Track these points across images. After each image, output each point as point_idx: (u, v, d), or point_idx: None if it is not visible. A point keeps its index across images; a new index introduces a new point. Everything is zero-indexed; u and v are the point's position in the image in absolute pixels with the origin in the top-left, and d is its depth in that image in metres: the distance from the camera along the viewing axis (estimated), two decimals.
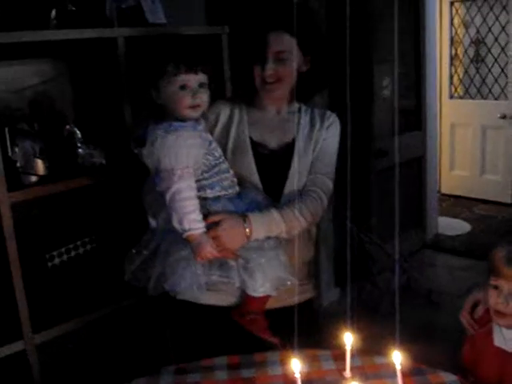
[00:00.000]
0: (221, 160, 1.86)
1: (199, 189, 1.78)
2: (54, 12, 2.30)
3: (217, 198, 1.82)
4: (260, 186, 1.93)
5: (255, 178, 1.93)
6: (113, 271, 2.47)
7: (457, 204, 6.24)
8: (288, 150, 1.97)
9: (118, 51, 2.33)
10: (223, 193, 1.84)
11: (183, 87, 1.76)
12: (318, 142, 1.99)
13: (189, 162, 1.72)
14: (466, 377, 1.67)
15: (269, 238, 1.84)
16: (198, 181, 1.78)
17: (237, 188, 1.88)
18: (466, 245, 5.11)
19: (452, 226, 5.57)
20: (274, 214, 1.83)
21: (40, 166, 2.20)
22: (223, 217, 1.77)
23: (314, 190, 1.94)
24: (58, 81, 2.49)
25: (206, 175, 1.81)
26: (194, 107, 1.78)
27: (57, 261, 2.32)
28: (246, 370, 1.69)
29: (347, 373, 1.48)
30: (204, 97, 1.80)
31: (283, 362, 1.66)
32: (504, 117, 5.86)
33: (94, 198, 2.54)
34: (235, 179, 1.89)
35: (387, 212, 4.42)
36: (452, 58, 6.34)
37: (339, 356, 1.64)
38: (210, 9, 2.99)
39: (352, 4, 3.85)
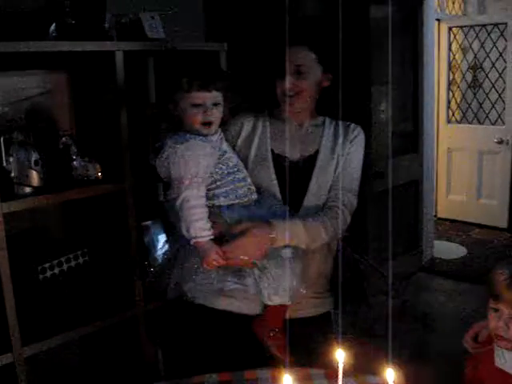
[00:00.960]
0: (235, 169, 1.89)
1: (212, 197, 1.83)
2: (53, 26, 2.30)
3: (230, 206, 1.85)
4: (279, 195, 1.96)
5: (275, 188, 1.96)
6: (105, 285, 2.46)
7: (453, 228, 6.23)
8: (310, 162, 2.01)
9: (116, 65, 2.32)
10: (237, 201, 1.87)
11: (195, 105, 1.82)
12: (342, 156, 2.01)
13: (198, 171, 1.76)
14: None
15: (286, 246, 1.85)
16: (210, 189, 1.83)
17: (254, 196, 1.92)
18: (461, 269, 5.09)
19: (448, 249, 5.55)
20: (299, 224, 1.86)
21: (34, 177, 2.18)
22: (248, 226, 1.80)
23: (338, 206, 1.95)
24: (56, 93, 2.49)
25: (218, 183, 1.84)
26: (205, 124, 1.83)
27: (48, 273, 2.29)
28: None
29: None
30: (217, 114, 1.86)
31: (274, 380, 1.63)
32: (501, 142, 5.88)
33: (87, 211, 2.53)
34: (253, 187, 1.92)
35: (383, 234, 4.43)
36: (450, 83, 6.37)
37: (332, 375, 1.62)
38: (210, 26, 3.00)
39: (352, 28, 3.88)
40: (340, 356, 1.45)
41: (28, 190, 2.18)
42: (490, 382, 1.68)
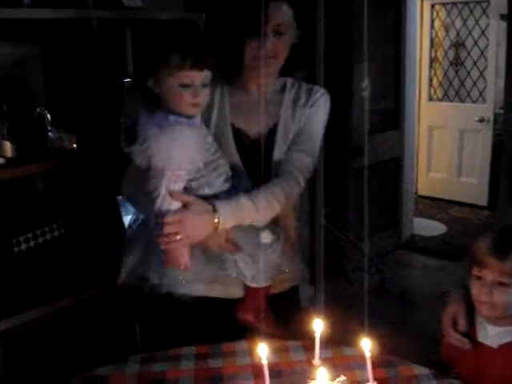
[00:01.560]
0: (217, 155, 1.76)
1: (197, 188, 1.71)
2: None
3: (215, 196, 1.73)
4: (245, 174, 1.83)
5: (239, 167, 1.84)
6: (81, 258, 2.43)
7: (433, 206, 6.26)
8: (270, 136, 1.87)
9: (92, 33, 2.27)
10: (221, 189, 1.76)
11: (185, 85, 1.65)
12: (300, 121, 1.90)
13: (182, 163, 1.63)
14: (444, 372, 1.64)
15: (263, 229, 1.78)
16: (193, 179, 1.70)
17: (230, 180, 1.80)
18: (441, 246, 5.13)
19: (428, 226, 5.58)
20: (244, 201, 1.72)
21: (7, 147, 2.12)
22: (191, 200, 1.68)
23: (290, 171, 1.84)
24: (30, 63, 2.43)
25: (203, 172, 1.71)
26: (193, 105, 1.68)
27: (23, 246, 2.25)
28: (213, 359, 1.65)
29: (316, 361, 1.44)
30: (205, 95, 1.71)
31: (252, 353, 1.61)
32: (482, 120, 5.90)
33: (63, 182, 2.49)
34: (230, 172, 1.80)
35: (363, 211, 4.44)
36: (432, 61, 6.37)
37: (309, 346, 1.61)
38: None
39: (334, 4, 3.85)
40: (317, 327, 1.44)
41: (1, 160, 2.12)
42: (470, 358, 1.68)
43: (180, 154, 1.62)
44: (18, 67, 2.39)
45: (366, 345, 1.29)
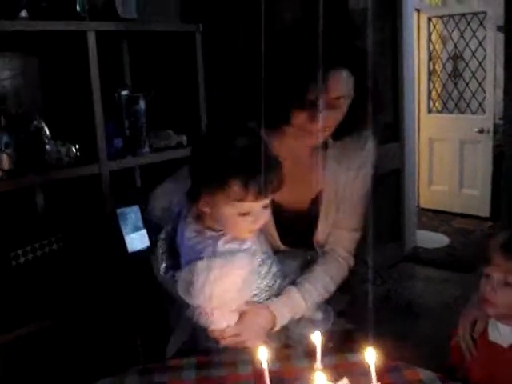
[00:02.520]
0: (269, 277, 1.64)
1: None
2: (24, 9, 2.25)
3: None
4: (287, 256, 1.73)
5: (279, 245, 1.73)
6: (79, 271, 2.40)
7: (436, 218, 6.23)
8: (314, 207, 1.73)
9: (88, 46, 2.27)
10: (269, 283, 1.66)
11: (245, 213, 1.49)
12: (347, 185, 1.72)
13: (232, 301, 1.55)
14: (451, 376, 1.61)
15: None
16: None
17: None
18: (444, 257, 5.09)
19: (431, 239, 5.55)
20: (296, 296, 1.65)
21: (5, 160, 2.13)
22: (246, 310, 1.59)
23: (338, 253, 1.76)
24: (27, 75, 2.44)
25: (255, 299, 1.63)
26: (251, 230, 1.55)
27: (22, 260, 2.23)
28: (215, 369, 1.62)
29: (317, 365, 1.40)
30: (266, 217, 1.54)
31: (253, 362, 1.58)
32: (482, 131, 5.88)
33: (62, 195, 2.47)
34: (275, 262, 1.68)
35: (365, 224, 4.41)
36: (430, 73, 6.37)
37: (312, 354, 1.58)
38: (186, 6, 2.94)
39: (331, 17, 3.85)
40: (318, 337, 1.41)
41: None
42: (481, 357, 1.65)
43: (233, 294, 1.53)
44: (15, 80, 2.40)
45: (370, 353, 1.25)
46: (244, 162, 1.44)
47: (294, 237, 1.72)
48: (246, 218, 1.48)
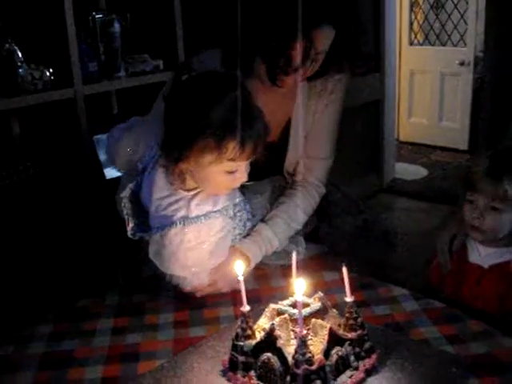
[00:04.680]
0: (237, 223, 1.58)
1: None
2: None
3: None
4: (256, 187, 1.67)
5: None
6: (56, 197, 2.39)
7: (414, 151, 6.26)
8: (283, 137, 1.72)
9: None
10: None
11: (232, 171, 1.42)
12: (317, 112, 1.72)
13: (207, 265, 1.51)
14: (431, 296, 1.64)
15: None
16: None
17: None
18: (422, 189, 5.14)
19: (409, 171, 5.59)
20: (267, 234, 1.63)
21: None
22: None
23: (309, 182, 1.74)
24: None
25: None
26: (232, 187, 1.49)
27: None
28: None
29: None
30: (247, 170, 1.47)
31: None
32: (463, 63, 5.85)
33: (37, 121, 2.43)
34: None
35: (344, 155, 4.42)
36: (412, 4, 6.27)
37: (289, 274, 1.60)
38: None
39: None
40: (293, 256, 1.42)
41: None
42: (461, 278, 1.69)
43: (206, 257, 1.49)
44: None
45: (345, 269, 1.26)
46: (241, 119, 1.35)
47: (261, 169, 1.58)
48: (231, 176, 1.42)
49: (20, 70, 2.20)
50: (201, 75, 1.44)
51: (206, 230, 1.47)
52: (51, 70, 2.28)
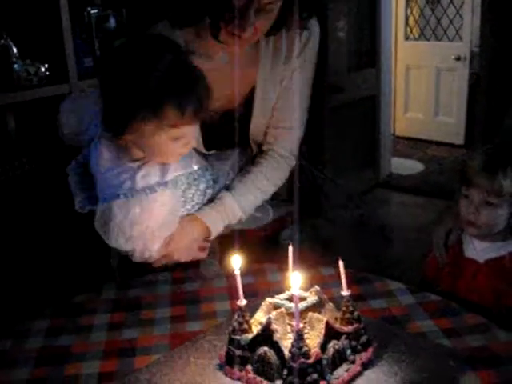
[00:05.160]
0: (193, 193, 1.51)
1: None
2: None
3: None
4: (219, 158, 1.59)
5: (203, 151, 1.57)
6: (52, 192, 2.38)
7: (410, 146, 6.28)
8: (247, 106, 1.61)
9: None
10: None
11: (177, 138, 1.35)
12: (283, 81, 1.60)
13: (154, 238, 1.42)
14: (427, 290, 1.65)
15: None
16: None
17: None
18: (418, 183, 5.16)
19: (405, 165, 5.60)
20: (231, 203, 1.55)
21: None
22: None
23: (278, 152, 1.64)
24: None
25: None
26: (180, 154, 1.41)
27: None
28: (189, 284, 1.63)
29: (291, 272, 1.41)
30: (195, 137, 1.42)
31: (228, 276, 1.60)
32: (458, 58, 5.86)
33: (32, 117, 2.43)
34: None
35: (341, 149, 4.43)
36: (408, 0, 6.27)
37: (286, 269, 1.60)
38: None
39: None
40: (290, 250, 1.42)
41: None
42: (456, 272, 1.70)
43: (164, 227, 1.42)
44: None
45: (341, 263, 1.26)
46: (178, 82, 1.29)
47: (224, 138, 1.56)
48: (178, 142, 1.35)
49: (15, 66, 2.20)
50: (132, 40, 1.37)
51: (151, 203, 1.38)
52: (46, 66, 2.28)
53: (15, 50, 2.22)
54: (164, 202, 1.40)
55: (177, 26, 1.50)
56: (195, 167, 1.48)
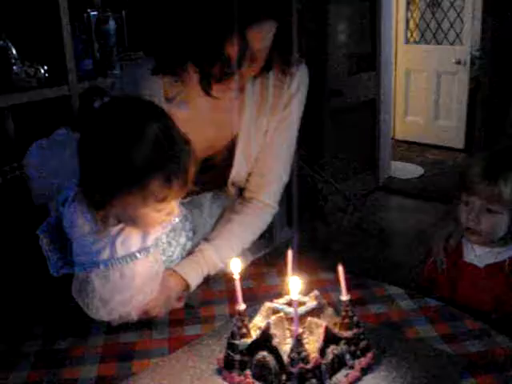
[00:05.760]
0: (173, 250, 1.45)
1: None
2: None
3: None
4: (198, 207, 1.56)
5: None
6: None
7: (410, 149, 6.27)
8: (229, 152, 1.55)
9: None
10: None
11: (161, 209, 1.28)
12: (270, 130, 1.55)
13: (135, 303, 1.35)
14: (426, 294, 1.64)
15: None
16: None
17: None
18: (418, 187, 5.15)
19: (405, 169, 5.59)
20: (209, 254, 1.49)
21: None
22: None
23: (260, 200, 1.59)
24: None
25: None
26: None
27: None
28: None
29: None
30: (178, 206, 1.35)
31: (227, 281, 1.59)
32: (459, 62, 5.85)
33: (31, 119, 2.42)
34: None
35: (340, 153, 4.43)
36: (408, 2, 6.26)
37: (284, 272, 1.59)
38: None
39: None
40: (290, 255, 1.41)
41: None
42: (455, 277, 1.69)
43: (133, 297, 1.33)
44: None
45: (340, 268, 1.26)
46: (164, 156, 1.21)
47: (203, 182, 1.45)
48: (162, 212, 1.28)
49: (14, 67, 2.20)
50: (114, 104, 1.26)
51: (133, 271, 1.31)
52: (46, 68, 2.27)
53: (14, 51, 2.22)
54: (146, 268, 1.33)
55: (159, 73, 1.43)
56: (176, 220, 1.40)
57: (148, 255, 1.33)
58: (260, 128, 1.54)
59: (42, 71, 2.25)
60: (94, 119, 1.23)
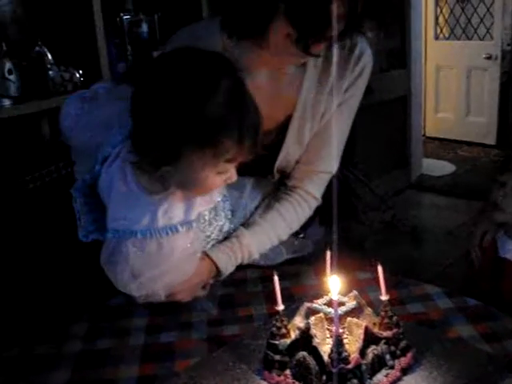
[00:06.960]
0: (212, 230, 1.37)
1: None
2: None
3: None
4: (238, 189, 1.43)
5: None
6: None
7: (441, 146, 6.22)
8: (282, 132, 1.45)
9: None
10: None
11: (223, 172, 1.19)
12: (326, 114, 1.44)
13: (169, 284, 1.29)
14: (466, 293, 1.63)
15: None
16: None
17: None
18: (449, 184, 5.10)
19: (436, 166, 5.55)
20: (247, 243, 1.42)
21: (11, 87, 2.10)
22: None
23: (305, 191, 1.49)
24: (26, 0, 2.38)
25: None
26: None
27: (30, 186, 2.24)
28: (225, 288, 1.63)
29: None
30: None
31: (263, 280, 1.60)
32: (489, 57, 5.79)
33: None
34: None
35: (372, 150, 4.40)
36: None
37: (321, 272, 1.59)
38: None
39: None
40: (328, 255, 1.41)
41: (6, 100, 2.10)
42: (490, 270, 1.69)
43: (168, 275, 1.26)
44: (14, 5, 2.34)
45: (380, 268, 1.25)
46: (237, 113, 1.11)
47: (246, 165, 1.26)
48: (222, 176, 1.19)
49: (50, 72, 2.23)
50: (181, 53, 1.15)
51: (172, 245, 1.23)
52: (81, 72, 2.31)
53: (50, 56, 2.25)
54: (185, 244, 1.25)
55: (234, 37, 1.28)
56: (218, 198, 1.33)
57: (190, 230, 1.24)
58: (317, 110, 1.43)
59: (77, 75, 2.28)
60: (157, 69, 1.12)
